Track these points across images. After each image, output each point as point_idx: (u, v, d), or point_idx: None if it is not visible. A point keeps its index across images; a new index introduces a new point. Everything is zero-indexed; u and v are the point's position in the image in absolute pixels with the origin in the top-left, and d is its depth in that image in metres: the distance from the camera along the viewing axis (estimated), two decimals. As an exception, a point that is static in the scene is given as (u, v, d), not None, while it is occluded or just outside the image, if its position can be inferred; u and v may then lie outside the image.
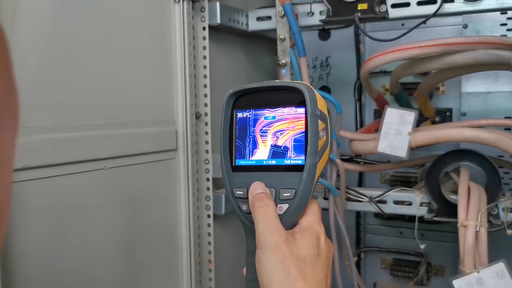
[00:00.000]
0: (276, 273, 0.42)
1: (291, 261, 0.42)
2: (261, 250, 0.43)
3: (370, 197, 1.03)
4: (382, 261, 1.42)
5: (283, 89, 0.49)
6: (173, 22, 0.96)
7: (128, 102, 0.86)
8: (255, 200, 0.46)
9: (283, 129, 0.48)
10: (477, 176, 0.95)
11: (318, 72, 1.44)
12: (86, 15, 0.77)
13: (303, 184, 0.45)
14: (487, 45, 0.86)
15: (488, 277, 0.82)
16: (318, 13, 1.03)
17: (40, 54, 0.69)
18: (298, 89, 0.46)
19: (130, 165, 0.86)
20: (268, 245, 0.43)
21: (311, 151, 0.46)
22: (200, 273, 1.04)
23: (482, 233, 0.84)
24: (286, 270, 0.42)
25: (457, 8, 0.92)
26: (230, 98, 0.50)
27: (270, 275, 0.42)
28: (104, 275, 0.81)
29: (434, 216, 0.96)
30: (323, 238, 0.46)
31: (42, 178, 0.69)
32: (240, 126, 0.50)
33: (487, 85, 1.20)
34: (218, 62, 1.09)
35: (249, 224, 0.47)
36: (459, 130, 0.91)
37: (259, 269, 0.43)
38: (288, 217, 0.46)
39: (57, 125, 0.71)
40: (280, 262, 0.42)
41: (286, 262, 0.42)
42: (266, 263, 0.43)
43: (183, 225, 0.99)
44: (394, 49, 0.91)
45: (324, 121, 0.47)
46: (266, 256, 0.43)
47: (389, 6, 0.96)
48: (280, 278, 0.42)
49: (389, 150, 0.95)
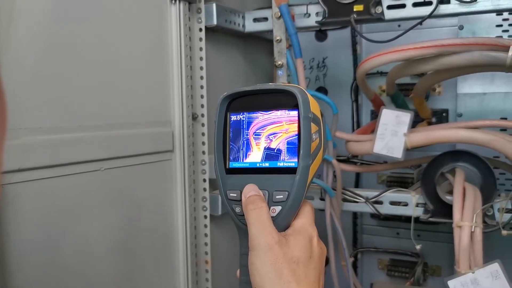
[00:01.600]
0: (269, 275, 0.42)
1: (284, 263, 0.42)
2: (254, 252, 0.44)
3: (367, 197, 1.03)
4: (379, 262, 1.43)
5: (277, 92, 0.49)
6: (170, 24, 0.96)
7: (124, 103, 0.86)
8: (248, 202, 0.46)
9: (277, 132, 0.48)
10: (473, 177, 0.95)
11: (315, 73, 1.44)
12: (82, 16, 0.77)
13: (296, 186, 0.46)
14: (483, 47, 0.86)
15: (483, 277, 0.82)
16: (315, 15, 1.04)
17: (35, 55, 0.69)
18: (291, 92, 0.46)
19: (126, 166, 0.86)
20: (261, 247, 0.43)
21: (304, 154, 0.46)
22: (196, 274, 1.04)
23: (477, 234, 0.85)
24: (279, 272, 0.42)
25: (453, 9, 0.92)
26: (224, 101, 0.51)
27: (263, 277, 0.42)
28: (101, 276, 0.81)
29: (430, 217, 0.96)
30: (315, 240, 0.46)
31: (38, 180, 0.69)
32: (234, 129, 0.50)
33: (483, 86, 1.21)
34: (214, 63, 1.09)
35: (242, 226, 0.48)
36: (454, 131, 0.91)
37: (251, 270, 0.44)
38: (281, 219, 0.46)
39: (52, 126, 0.71)
40: (273, 264, 0.42)
41: (279, 264, 0.42)
42: (258, 265, 0.43)
43: (179, 226, 1.00)
44: (391, 50, 0.91)
45: (317, 123, 0.47)
46: (258, 258, 0.43)
47: (385, 8, 0.96)
48: (273, 280, 0.42)
49: (385, 151, 0.96)
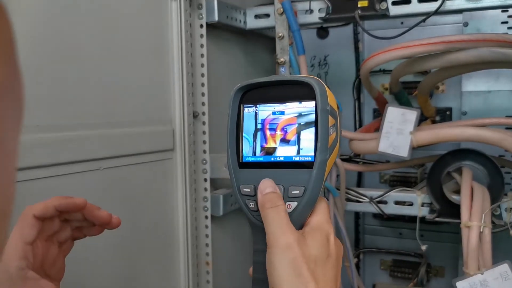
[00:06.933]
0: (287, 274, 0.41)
1: (302, 262, 0.41)
2: (272, 250, 0.42)
3: (371, 197, 1.02)
4: (381, 262, 1.41)
5: (292, 83, 0.47)
6: (170, 20, 0.94)
7: (124, 101, 0.84)
8: (266, 200, 0.44)
9: (292, 124, 0.46)
10: (480, 176, 0.93)
11: (317, 71, 1.42)
12: (82, 12, 0.75)
13: (313, 181, 0.44)
14: (490, 43, 0.84)
15: (492, 278, 0.81)
16: (318, 11, 1.02)
17: (34, 52, 0.67)
18: (308, 83, 0.44)
19: (126, 166, 0.84)
20: (279, 246, 0.42)
21: (322, 147, 0.44)
22: (197, 275, 1.02)
23: (486, 234, 0.83)
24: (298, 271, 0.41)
25: (459, 5, 0.90)
26: (238, 92, 0.48)
27: (281, 276, 0.41)
28: (101, 277, 0.79)
29: (436, 217, 0.94)
30: (332, 238, 0.45)
31: (35, 179, 0.67)
32: (247, 121, 0.48)
33: (488, 84, 1.19)
34: (215, 61, 1.07)
35: (257, 222, 0.46)
36: (461, 129, 0.90)
37: (269, 269, 0.43)
38: (297, 216, 0.44)
39: (50, 124, 0.69)
40: (292, 263, 0.41)
41: (298, 263, 0.41)
42: (277, 263, 0.42)
43: (180, 226, 0.98)
44: (396, 47, 0.89)
45: (334, 117, 0.45)
46: (277, 256, 0.42)
47: (389, 4, 0.94)
48: (291, 279, 0.41)
49: (391, 149, 0.94)
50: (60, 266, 0.55)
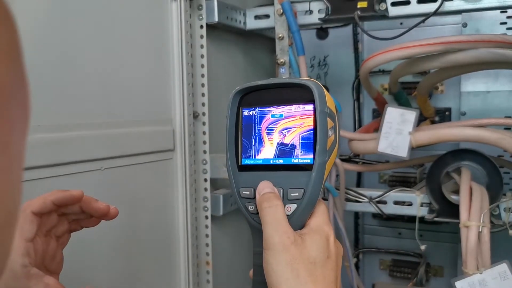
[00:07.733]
0: (285, 275, 0.41)
1: (300, 263, 0.41)
2: (269, 251, 0.42)
3: (370, 197, 1.02)
4: (380, 262, 1.41)
5: (291, 86, 0.47)
6: (170, 20, 0.95)
7: (124, 101, 0.84)
8: (263, 200, 0.44)
9: (290, 127, 0.46)
10: (479, 176, 0.94)
11: (316, 71, 1.42)
12: (82, 12, 0.75)
13: (312, 184, 0.44)
14: (489, 44, 0.85)
15: (491, 278, 0.81)
16: (317, 11, 1.02)
17: (35, 52, 0.67)
18: (307, 85, 0.45)
19: (126, 166, 0.84)
20: (276, 247, 0.42)
21: (320, 150, 0.44)
22: (197, 275, 1.02)
23: (485, 234, 0.83)
24: (295, 273, 0.41)
25: (458, 6, 0.91)
26: (236, 95, 0.49)
27: (279, 277, 0.41)
28: (101, 277, 0.79)
29: (435, 217, 0.95)
30: (332, 240, 0.45)
31: (36, 180, 0.67)
32: (246, 124, 0.48)
33: (487, 84, 1.19)
34: (215, 61, 1.08)
35: (256, 224, 0.46)
36: (460, 130, 0.90)
37: (267, 271, 0.42)
38: (296, 218, 0.45)
39: (51, 124, 0.70)
40: (289, 264, 0.41)
41: (295, 264, 0.41)
42: (274, 265, 0.42)
43: (180, 226, 0.98)
44: (396, 48, 0.89)
45: (332, 119, 0.46)
46: (274, 258, 0.42)
47: (389, 4, 0.95)
48: (290, 280, 0.41)
49: (390, 149, 0.94)
50: (59, 259, 0.55)
